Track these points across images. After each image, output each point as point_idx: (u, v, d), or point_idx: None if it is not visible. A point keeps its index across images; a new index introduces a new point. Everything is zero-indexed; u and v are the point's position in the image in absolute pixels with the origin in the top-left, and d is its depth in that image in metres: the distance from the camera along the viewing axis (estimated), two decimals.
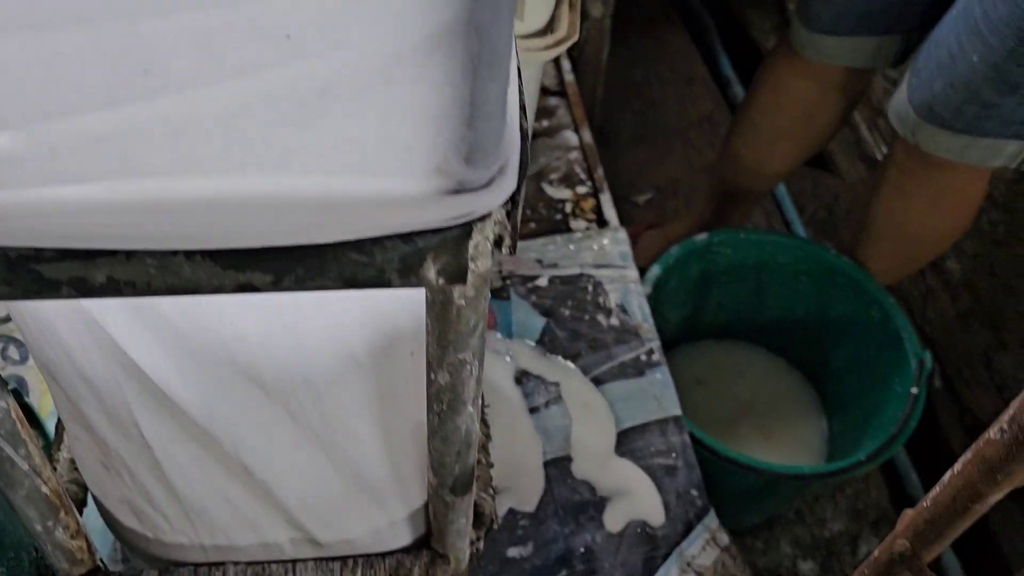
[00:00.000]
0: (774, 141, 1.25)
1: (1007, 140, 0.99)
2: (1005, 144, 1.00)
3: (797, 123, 1.22)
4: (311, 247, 0.35)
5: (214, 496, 0.54)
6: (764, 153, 1.27)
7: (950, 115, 0.99)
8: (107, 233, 0.33)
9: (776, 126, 1.24)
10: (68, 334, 0.43)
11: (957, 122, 0.99)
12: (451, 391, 0.46)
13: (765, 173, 1.30)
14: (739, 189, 1.34)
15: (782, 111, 1.22)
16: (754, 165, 1.29)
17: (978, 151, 1.02)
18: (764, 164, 1.28)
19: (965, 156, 1.03)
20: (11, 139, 0.30)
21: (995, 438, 0.38)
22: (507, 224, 0.38)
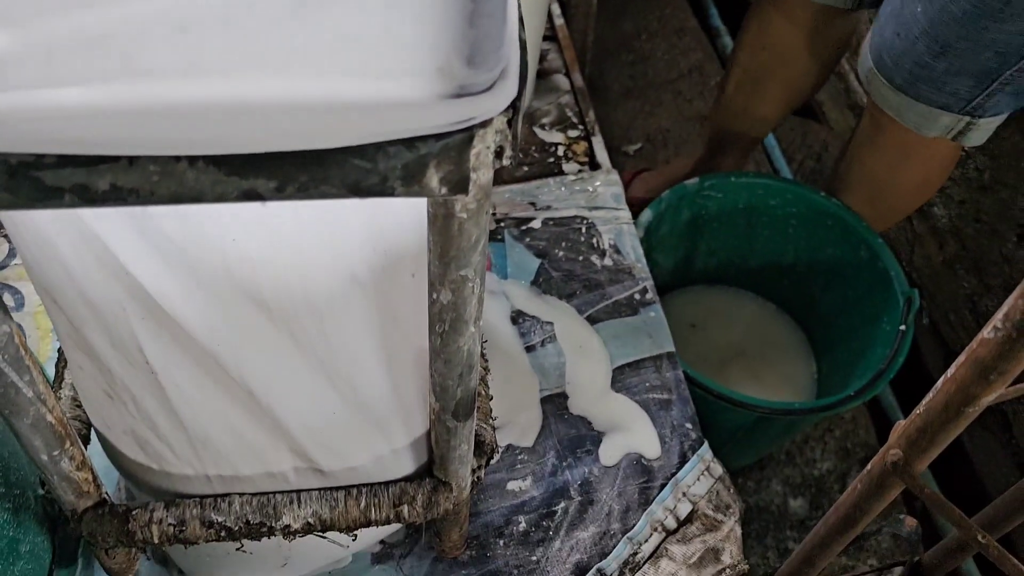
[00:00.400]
0: (760, 82, 1.25)
1: (940, 111, 0.98)
2: (939, 114, 0.98)
3: (780, 64, 1.22)
4: (314, 153, 0.35)
5: (218, 424, 0.54)
6: (751, 96, 1.27)
7: (893, 66, 0.98)
8: (108, 138, 0.33)
9: (760, 66, 1.23)
10: (69, 253, 0.43)
11: (897, 76, 0.99)
12: (453, 310, 0.47)
13: (753, 116, 1.30)
14: (731, 134, 1.34)
15: (765, 51, 1.21)
16: (742, 108, 1.29)
17: (914, 115, 1.01)
18: (752, 107, 1.28)
19: (903, 117, 1.02)
20: (6, 38, 0.30)
21: (989, 337, 0.39)
22: (508, 133, 0.38)
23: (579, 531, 0.78)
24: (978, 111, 0.96)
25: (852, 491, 0.58)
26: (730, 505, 0.82)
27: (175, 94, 0.32)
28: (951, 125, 0.99)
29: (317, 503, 0.62)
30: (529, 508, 0.79)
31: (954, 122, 0.99)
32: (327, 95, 0.33)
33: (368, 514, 0.63)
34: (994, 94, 0.94)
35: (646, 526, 0.78)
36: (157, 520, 0.60)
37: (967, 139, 1.01)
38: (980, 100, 0.95)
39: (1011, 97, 0.94)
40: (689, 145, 1.65)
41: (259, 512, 0.61)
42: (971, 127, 0.99)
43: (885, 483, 0.53)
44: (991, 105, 0.95)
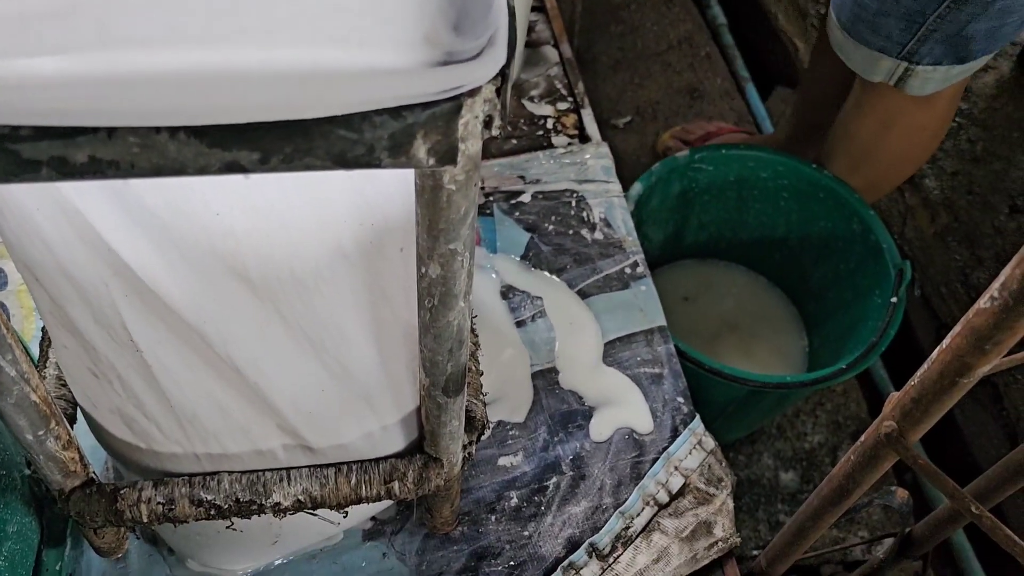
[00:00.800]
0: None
1: (879, 54, 0.99)
2: (878, 58, 0.99)
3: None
4: (299, 123, 0.34)
5: (205, 401, 0.54)
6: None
7: (840, 5, 1.00)
8: (86, 108, 0.32)
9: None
10: (50, 228, 0.42)
11: (843, 16, 1.00)
12: (442, 284, 0.46)
13: None
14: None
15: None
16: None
17: (858, 58, 1.02)
18: None
19: (851, 60, 1.04)
20: None
21: (985, 307, 0.39)
22: (497, 102, 0.37)
23: (571, 506, 0.78)
24: (914, 57, 0.97)
25: (845, 462, 0.58)
26: (722, 478, 0.82)
27: (153, 63, 0.31)
28: (891, 70, 1.01)
29: (307, 480, 0.61)
30: (521, 483, 0.79)
31: (893, 66, 1.00)
32: (311, 63, 0.32)
33: (359, 491, 0.62)
34: (925, 40, 0.95)
35: (638, 500, 0.78)
36: (146, 499, 0.60)
37: (909, 87, 1.02)
38: (913, 45, 0.96)
39: (944, 46, 0.95)
40: (679, 118, 1.64)
41: (249, 490, 0.61)
42: (910, 73, 1.00)
43: (879, 454, 0.53)
44: (926, 52, 0.96)
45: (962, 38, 0.93)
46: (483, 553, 0.76)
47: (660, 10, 1.80)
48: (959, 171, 1.66)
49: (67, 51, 0.30)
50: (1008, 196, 1.64)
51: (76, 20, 0.30)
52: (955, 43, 0.95)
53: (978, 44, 0.95)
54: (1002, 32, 0.94)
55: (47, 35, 0.30)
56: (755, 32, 1.85)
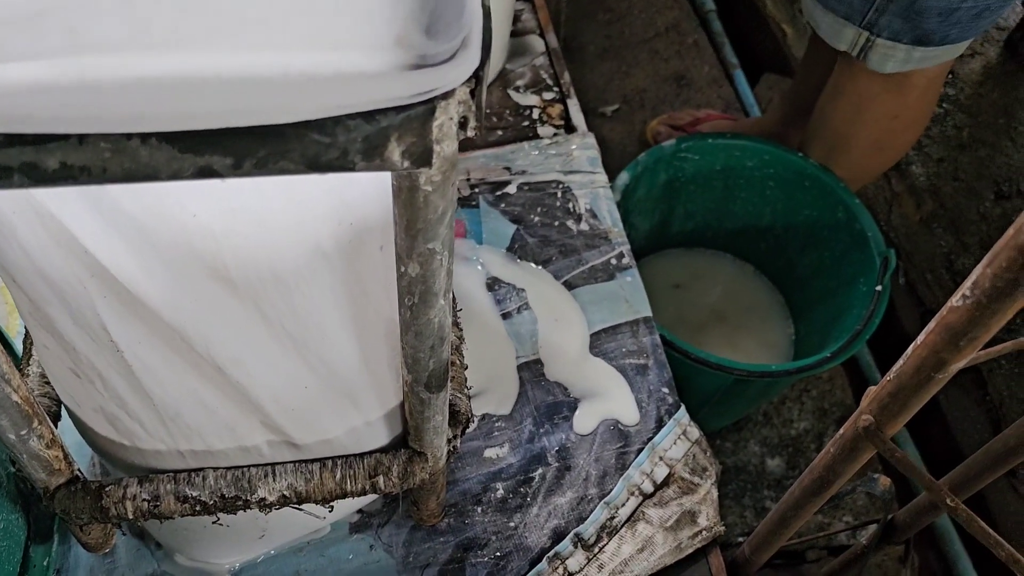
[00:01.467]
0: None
1: (844, 21, 1.00)
2: (843, 25, 1.01)
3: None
4: (272, 128, 0.34)
5: (188, 399, 0.54)
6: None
7: None
8: (56, 115, 0.32)
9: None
10: (27, 232, 0.42)
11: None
12: (422, 282, 0.46)
13: None
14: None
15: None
16: None
17: (825, 25, 1.03)
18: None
19: (819, 28, 1.04)
20: None
21: (959, 304, 0.39)
22: (471, 104, 0.37)
23: (557, 497, 0.79)
24: (874, 29, 0.99)
25: (825, 454, 0.58)
26: (706, 468, 0.82)
27: (123, 68, 0.31)
28: (854, 39, 1.02)
29: (292, 476, 0.62)
30: (507, 475, 0.80)
31: (856, 35, 1.01)
32: (283, 68, 0.32)
33: (343, 486, 0.63)
34: (883, 11, 0.96)
35: (623, 490, 0.79)
36: (131, 496, 0.60)
37: (870, 60, 1.03)
38: (872, 16, 0.98)
39: (901, 21, 0.96)
40: (666, 105, 1.64)
41: (234, 486, 0.61)
42: (870, 45, 1.01)
43: (857, 447, 0.54)
44: (884, 24, 0.97)
45: (914, 12, 0.94)
46: (469, 544, 0.76)
47: None
48: (945, 157, 1.67)
49: (36, 57, 0.30)
50: (993, 182, 1.65)
51: (45, 26, 0.30)
52: (910, 18, 0.95)
53: (931, 24, 0.95)
54: (957, 16, 0.94)
55: (15, 41, 0.30)
56: (743, 19, 1.84)
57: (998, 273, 0.36)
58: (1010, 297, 0.36)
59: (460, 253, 0.90)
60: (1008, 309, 0.37)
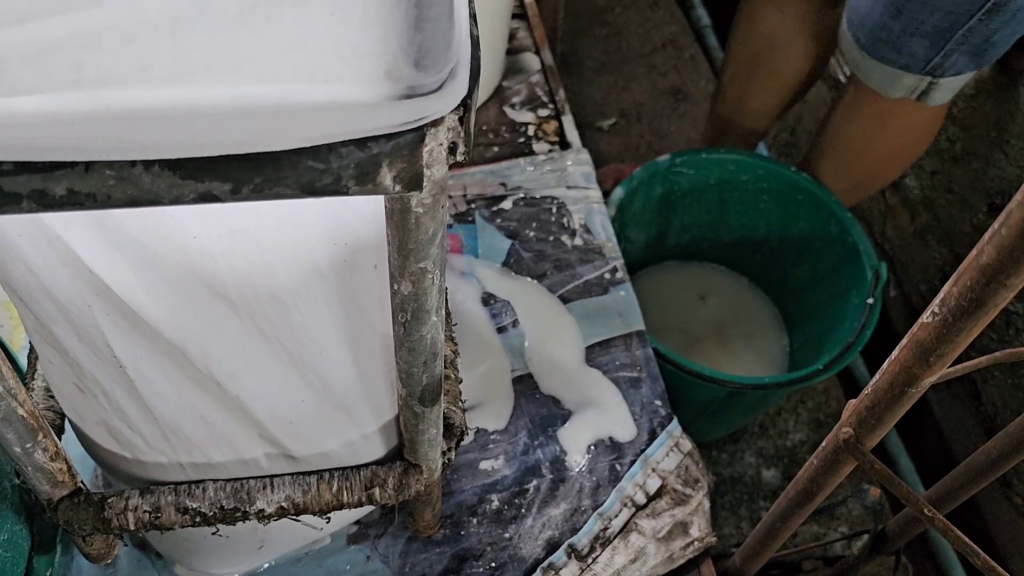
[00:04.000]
0: (752, 73, 1.25)
1: (901, 71, 1.00)
2: (900, 75, 1.01)
3: (769, 53, 1.22)
4: (268, 155, 0.36)
5: (188, 413, 0.55)
6: (744, 87, 1.27)
7: (859, 27, 1.01)
8: (63, 145, 0.33)
9: (752, 57, 1.23)
10: (33, 253, 0.43)
11: (862, 36, 1.01)
12: (414, 300, 0.48)
13: (748, 108, 1.29)
14: (729, 128, 1.33)
15: (756, 40, 1.21)
16: (736, 100, 1.29)
17: (878, 76, 1.03)
18: (745, 99, 1.28)
19: (869, 79, 1.05)
20: None
21: (928, 321, 0.41)
22: (461, 130, 0.39)
23: (550, 508, 0.80)
24: (938, 71, 0.99)
25: (809, 467, 0.60)
26: (699, 479, 0.84)
27: (126, 101, 0.33)
28: (913, 85, 1.02)
29: (290, 488, 0.63)
30: (502, 487, 0.81)
31: (916, 82, 1.01)
32: (277, 99, 0.34)
33: (340, 497, 0.64)
34: (951, 54, 0.96)
35: (616, 502, 0.80)
36: (132, 507, 0.62)
37: (931, 99, 1.03)
38: (938, 60, 0.97)
39: (969, 57, 0.96)
40: (663, 119, 1.66)
41: (233, 498, 0.62)
42: (933, 87, 1.01)
43: (838, 459, 0.55)
44: (949, 65, 0.98)
45: (988, 45, 0.94)
46: (465, 555, 0.78)
47: (645, 13, 1.82)
48: (938, 170, 1.68)
49: (44, 91, 0.32)
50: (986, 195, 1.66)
51: (53, 62, 0.32)
52: (980, 51, 0.96)
53: (1000, 48, 0.96)
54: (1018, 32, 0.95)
55: (25, 76, 0.32)
56: None
57: (963, 292, 0.37)
58: (974, 315, 0.38)
59: (456, 268, 0.92)
60: (973, 327, 0.39)
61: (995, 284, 0.36)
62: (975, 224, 1.66)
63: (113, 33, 0.32)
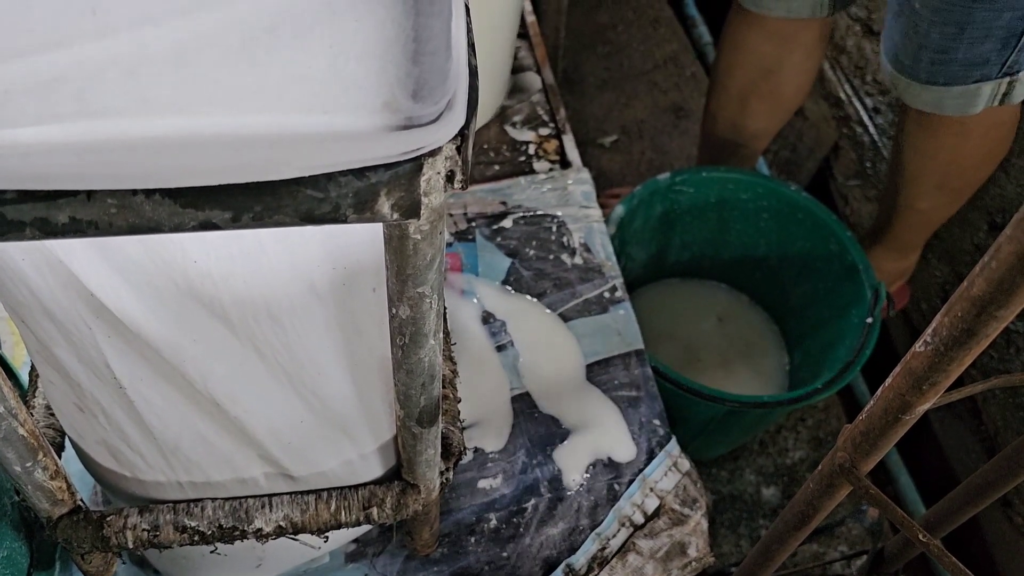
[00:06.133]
0: (743, 100, 1.25)
1: (977, 84, 0.98)
2: (977, 88, 0.99)
3: (760, 79, 1.22)
4: (267, 184, 0.36)
5: (188, 433, 0.56)
6: (737, 113, 1.27)
7: (911, 64, 1.00)
8: (66, 174, 0.34)
9: (741, 85, 1.24)
10: (34, 275, 0.44)
11: (921, 72, 0.99)
12: (412, 324, 0.48)
13: (745, 132, 1.30)
14: (725, 149, 1.34)
15: (743, 68, 1.22)
16: (731, 125, 1.29)
17: (952, 101, 1.02)
18: (740, 124, 1.28)
19: (942, 108, 1.03)
20: None
21: (920, 350, 0.41)
22: (458, 159, 0.39)
23: (549, 527, 0.80)
24: (1015, 67, 0.97)
25: (805, 490, 0.60)
26: (697, 499, 0.84)
27: (129, 132, 0.33)
28: (993, 92, 1.00)
29: (288, 507, 0.63)
30: (500, 506, 0.81)
31: (995, 88, 0.99)
32: (277, 130, 0.34)
33: (338, 517, 0.64)
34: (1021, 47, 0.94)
35: (614, 522, 0.80)
36: (131, 526, 0.62)
37: (1012, 98, 1.01)
38: (1013, 57, 0.95)
39: None
40: (664, 136, 1.67)
41: (231, 516, 0.63)
42: (1013, 85, 0.99)
43: (834, 483, 0.55)
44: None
45: None
46: (463, 574, 0.78)
47: (646, 30, 1.83)
48: None
49: (48, 122, 0.33)
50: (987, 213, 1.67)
51: (57, 94, 0.32)
52: None
53: None
54: None
55: (29, 108, 0.32)
56: None
57: (954, 323, 0.38)
58: (966, 345, 0.38)
59: (456, 286, 0.93)
60: (965, 357, 0.39)
61: (986, 315, 0.36)
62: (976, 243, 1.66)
63: (116, 66, 0.32)
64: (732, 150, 1.35)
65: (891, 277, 1.41)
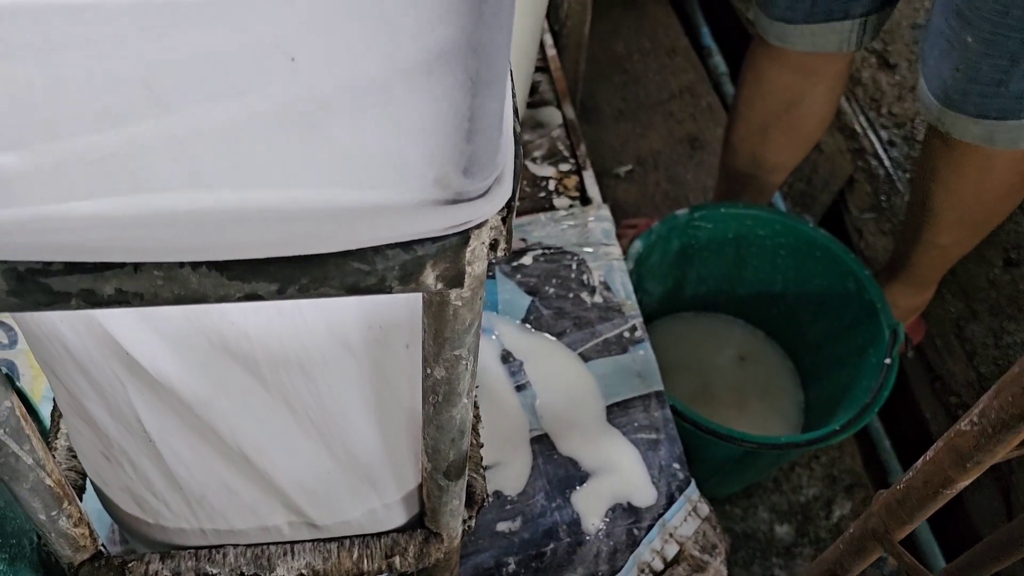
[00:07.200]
0: (764, 132, 1.25)
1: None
2: None
3: (782, 112, 1.22)
4: (315, 257, 0.36)
5: (214, 484, 0.55)
6: (758, 146, 1.27)
7: (960, 99, 0.99)
8: (114, 246, 0.34)
9: (762, 117, 1.24)
10: (67, 331, 0.44)
11: (971, 107, 0.99)
12: (447, 384, 0.48)
13: (765, 164, 1.29)
14: (745, 181, 1.34)
15: (764, 101, 1.22)
16: (751, 157, 1.29)
17: (1005, 134, 1.01)
18: (761, 156, 1.28)
19: (994, 141, 1.03)
20: (16, 159, 0.31)
21: (966, 429, 0.40)
22: (503, 228, 0.39)
23: (567, 572, 0.79)
24: None
25: (835, 549, 0.59)
26: (716, 545, 0.83)
27: (178, 205, 0.33)
28: None
29: (310, 554, 0.63)
30: (519, 550, 0.80)
31: None
32: (326, 204, 0.34)
33: (360, 565, 0.64)
34: None
35: (633, 568, 0.80)
36: (153, 572, 0.61)
37: None
38: None
39: None
40: (680, 167, 1.67)
41: (253, 563, 0.62)
42: None
43: (865, 546, 0.55)
44: None
45: None
46: None
47: (663, 60, 1.83)
48: None
49: (98, 196, 0.32)
50: (1002, 249, 1.66)
51: (108, 170, 0.32)
52: None
53: None
54: None
55: (80, 183, 0.32)
56: None
57: (1004, 407, 0.37)
58: (1014, 429, 0.38)
59: None
60: (1013, 439, 0.38)
61: None
62: (991, 279, 1.66)
63: (168, 143, 0.32)
64: (750, 182, 1.35)
65: (907, 313, 1.40)
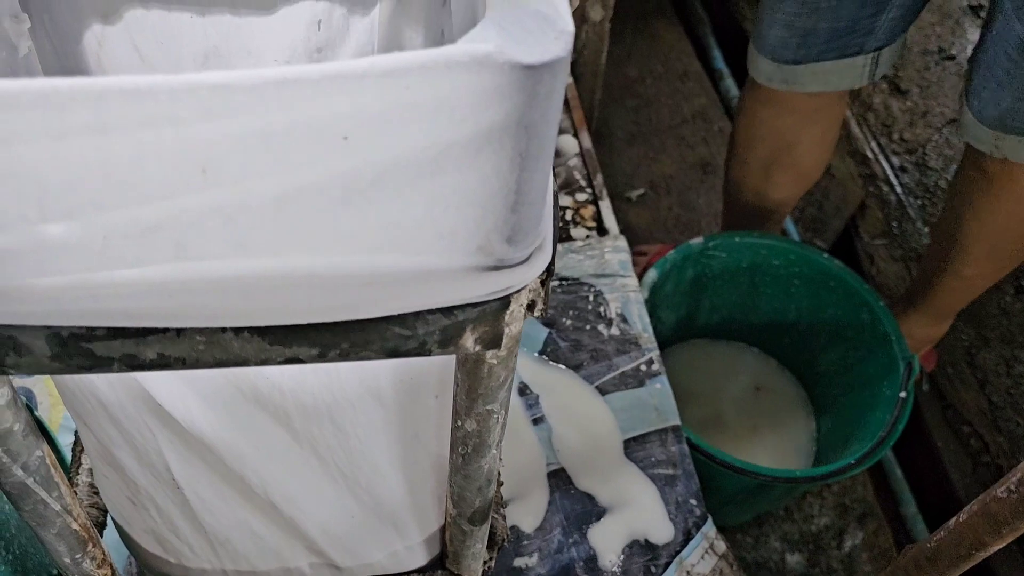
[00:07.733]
0: (765, 173, 1.24)
1: None
2: None
3: (782, 153, 1.21)
4: (355, 321, 0.36)
5: (239, 528, 0.55)
6: (760, 185, 1.26)
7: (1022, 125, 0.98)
8: (158, 313, 0.34)
9: (763, 158, 1.22)
10: (103, 386, 0.44)
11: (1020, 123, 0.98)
12: (477, 436, 0.48)
13: (769, 200, 1.29)
14: (753, 210, 1.33)
15: (763, 143, 1.20)
16: (755, 193, 1.28)
17: None
18: (764, 193, 1.28)
19: None
20: (64, 229, 0.31)
21: (1002, 496, 0.40)
22: (541, 291, 0.39)
23: None
24: None
25: None
26: None
27: (224, 273, 0.33)
28: None
29: None
30: None
31: None
32: (370, 271, 0.34)
33: None
34: None
35: None
36: None
37: None
38: None
39: None
40: (692, 192, 1.67)
41: None
42: None
43: None
44: None
45: None
46: None
47: (675, 85, 1.84)
48: None
49: (144, 265, 0.32)
50: (1014, 277, 1.66)
51: (155, 240, 0.32)
52: None
53: None
54: None
55: (128, 252, 0.32)
56: None
57: None
58: None
59: None
60: None
61: None
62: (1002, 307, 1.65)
63: (215, 215, 0.32)
64: (758, 215, 1.34)
65: (921, 343, 1.40)
